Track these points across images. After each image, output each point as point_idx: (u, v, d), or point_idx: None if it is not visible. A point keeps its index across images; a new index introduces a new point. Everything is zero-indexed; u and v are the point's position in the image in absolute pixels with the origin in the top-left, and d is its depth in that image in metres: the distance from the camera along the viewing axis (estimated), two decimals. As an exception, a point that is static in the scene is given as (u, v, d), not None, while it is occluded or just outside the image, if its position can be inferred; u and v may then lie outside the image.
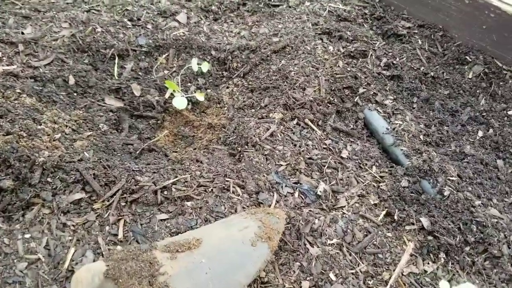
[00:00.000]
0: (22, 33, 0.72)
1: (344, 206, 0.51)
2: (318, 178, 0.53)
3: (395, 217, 0.51)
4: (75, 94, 0.64)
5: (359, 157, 0.56)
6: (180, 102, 0.61)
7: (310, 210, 0.50)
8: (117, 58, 0.71)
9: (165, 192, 0.48)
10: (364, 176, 0.54)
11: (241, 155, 0.54)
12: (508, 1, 0.63)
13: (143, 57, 0.72)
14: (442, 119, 0.60)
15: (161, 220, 0.47)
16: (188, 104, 0.64)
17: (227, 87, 0.67)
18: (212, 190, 0.49)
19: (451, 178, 0.52)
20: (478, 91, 0.64)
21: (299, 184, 0.51)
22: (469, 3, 0.65)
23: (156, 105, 0.65)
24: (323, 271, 0.47)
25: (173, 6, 0.80)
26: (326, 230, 0.49)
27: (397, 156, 0.55)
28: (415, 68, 0.67)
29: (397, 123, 0.59)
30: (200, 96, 0.63)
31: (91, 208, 0.46)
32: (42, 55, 0.69)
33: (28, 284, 0.43)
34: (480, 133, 0.59)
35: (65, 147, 0.51)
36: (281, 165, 0.53)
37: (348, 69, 0.65)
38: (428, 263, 0.50)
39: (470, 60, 0.67)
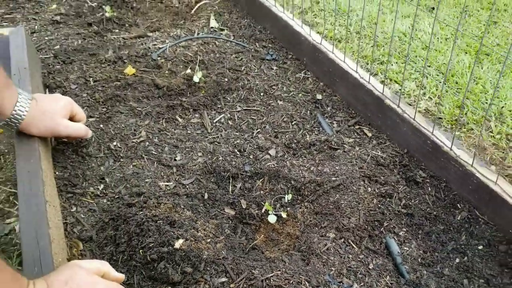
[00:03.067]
0: (175, 159, 1.16)
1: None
2: (353, 280, 0.90)
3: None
4: (208, 206, 1.05)
5: (379, 269, 0.92)
6: (272, 218, 1.01)
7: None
8: (231, 179, 1.12)
9: (267, 281, 0.87)
10: (380, 281, 0.90)
11: (309, 261, 0.92)
12: (488, 174, 0.99)
13: (247, 179, 1.12)
14: (435, 247, 0.96)
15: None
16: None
17: (300, 208, 1.05)
18: (291, 282, 0.87)
19: (433, 290, 0.88)
20: (462, 229, 1.00)
21: (342, 283, 0.89)
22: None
23: (256, 216, 1.04)
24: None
25: (267, 142, 1.21)
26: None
27: (402, 272, 0.91)
28: (423, 209, 1.04)
29: (405, 249, 0.95)
30: (284, 214, 1.03)
31: (229, 287, 0.85)
32: (187, 176, 1.11)
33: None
34: (457, 260, 0.94)
35: (212, 247, 0.91)
36: (332, 269, 0.91)
37: (379, 206, 1.03)
38: None
39: (460, 207, 1.03)
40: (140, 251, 0.86)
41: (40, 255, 0.78)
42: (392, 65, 1.61)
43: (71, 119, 1.08)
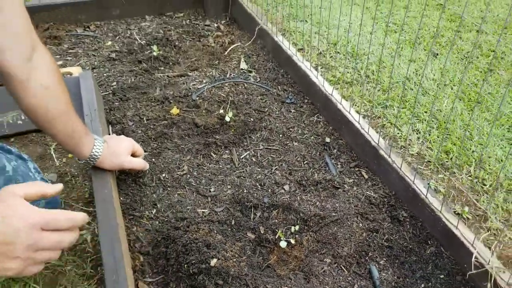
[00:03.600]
0: (210, 190, 1.47)
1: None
2: (341, 296, 1.20)
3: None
4: (234, 230, 1.37)
5: (362, 289, 1.23)
6: (283, 243, 1.32)
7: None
8: (253, 208, 1.43)
9: (276, 293, 1.18)
10: (362, 299, 1.20)
11: (309, 280, 1.23)
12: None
13: (265, 209, 1.43)
14: (407, 274, 1.26)
15: (273, 304, 1.16)
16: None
17: (305, 236, 1.36)
18: (295, 295, 1.18)
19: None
20: (429, 261, 1.29)
21: (332, 298, 1.19)
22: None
23: (271, 241, 1.35)
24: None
25: (282, 179, 1.52)
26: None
27: (379, 292, 1.21)
28: (401, 243, 1.33)
29: (383, 275, 1.25)
30: (292, 240, 1.34)
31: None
32: (219, 205, 1.43)
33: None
34: (423, 285, 1.23)
35: (237, 265, 1.22)
36: (326, 287, 1.21)
37: (367, 239, 1.33)
38: None
39: (430, 243, 1.32)
40: (185, 265, 1.18)
41: (116, 265, 1.11)
42: (393, 109, 1.89)
43: (132, 155, 1.40)
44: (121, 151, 1.35)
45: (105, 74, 1.92)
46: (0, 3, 0.93)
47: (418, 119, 1.85)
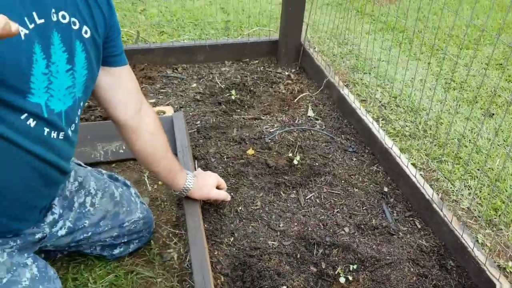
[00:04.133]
0: (279, 225, 1.70)
1: None
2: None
3: None
4: (299, 263, 1.57)
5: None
6: (342, 279, 1.51)
7: None
8: (316, 245, 1.63)
9: (335, 322, 1.37)
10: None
11: (363, 313, 1.41)
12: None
13: (327, 247, 1.63)
14: (452, 319, 1.42)
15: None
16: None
17: (362, 275, 1.54)
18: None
19: None
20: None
21: (383, 332, 1.37)
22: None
23: (331, 276, 1.55)
24: None
25: (343, 221, 1.72)
26: None
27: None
28: None
29: (430, 316, 1.42)
30: (350, 277, 1.53)
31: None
32: (287, 239, 1.64)
33: None
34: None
35: (302, 293, 1.43)
36: (378, 321, 1.39)
37: (416, 282, 1.50)
38: None
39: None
40: (259, 289, 1.40)
41: (204, 282, 1.34)
42: (447, 164, 2.06)
43: (217, 188, 1.65)
44: (208, 184, 1.61)
45: (190, 113, 2.21)
46: (119, 72, 1.21)
47: (470, 175, 2.01)
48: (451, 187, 1.90)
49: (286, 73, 2.64)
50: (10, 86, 0.73)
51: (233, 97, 2.32)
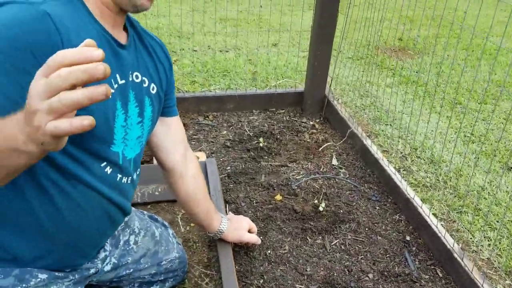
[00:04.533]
0: (306, 270, 1.78)
1: None
2: None
3: None
4: (325, 306, 1.64)
5: None
6: (366, 324, 1.58)
7: None
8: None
9: None
10: None
11: None
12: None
13: None
14: None
15: None
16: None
17: None
18: None
19: None
20: None
21: None
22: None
23: (355, 320, 1.61)
24: None
25: (367, 267, 1.80)
26: None
27: None
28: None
29: None
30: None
31: None
32: (313, 283, 1.73)
33: None
34: None
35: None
36: None
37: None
38: None
39: None
40: (288, 329, 1.48)
41: (237, 321, 1.43)
42: (467, 215, 2.13)
43: (248, 231, 1.75)
44: (241, 227, 1.72)
45: (221, 159, 2.35)
46: (171, 121, 1.36)
47: (490, 227, 2.08)
48: (471, 238, 1.97)
49: (311, 123, 2.78)
50: (99, 137, 0.87)
51: (261, 145, 2.45)
